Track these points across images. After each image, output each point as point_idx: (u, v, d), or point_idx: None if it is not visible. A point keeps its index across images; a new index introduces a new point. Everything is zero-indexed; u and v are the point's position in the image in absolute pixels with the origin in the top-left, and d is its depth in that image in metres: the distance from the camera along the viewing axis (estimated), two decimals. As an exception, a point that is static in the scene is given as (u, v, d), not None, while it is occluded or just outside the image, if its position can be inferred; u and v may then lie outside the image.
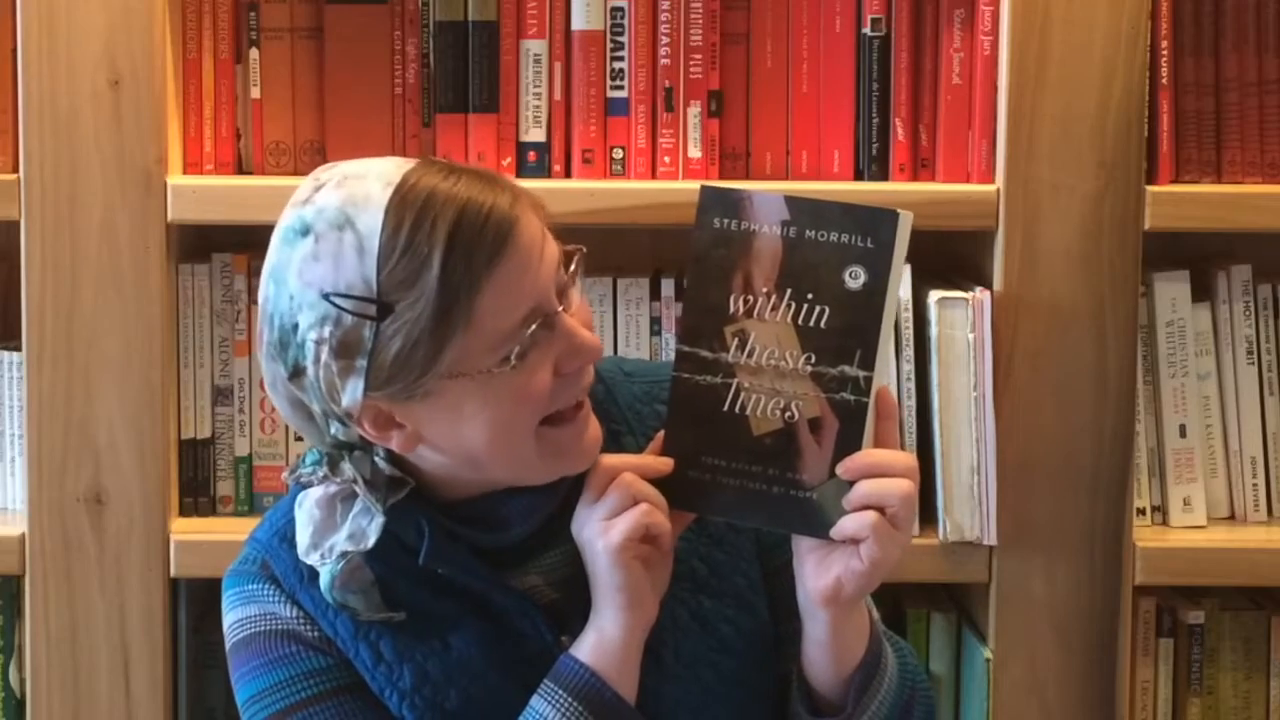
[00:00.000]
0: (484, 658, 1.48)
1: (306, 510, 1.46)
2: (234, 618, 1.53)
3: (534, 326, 1.38)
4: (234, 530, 1.98)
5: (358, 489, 1.44)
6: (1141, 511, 2.03)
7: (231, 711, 1.98)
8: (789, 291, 1.41)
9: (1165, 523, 2.05)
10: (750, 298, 1.42)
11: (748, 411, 1.43)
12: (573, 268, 1.44)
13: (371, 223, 1.36)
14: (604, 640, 1.44)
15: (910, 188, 2.02)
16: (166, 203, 1.97)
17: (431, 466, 1.46)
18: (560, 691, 1.43)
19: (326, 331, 1.37)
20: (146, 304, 1.97)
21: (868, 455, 1.40)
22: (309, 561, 1.45)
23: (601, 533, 1.42)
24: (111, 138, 1.96)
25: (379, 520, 1.44)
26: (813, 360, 1.41)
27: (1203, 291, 2.05)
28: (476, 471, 1.45)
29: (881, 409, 1.41)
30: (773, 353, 1.42)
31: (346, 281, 1.36)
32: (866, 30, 2.02)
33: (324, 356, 1.38)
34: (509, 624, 1.49)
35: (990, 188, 1.98)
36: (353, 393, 1.39)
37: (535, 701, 1.44)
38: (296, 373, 1.41)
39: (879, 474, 1.40)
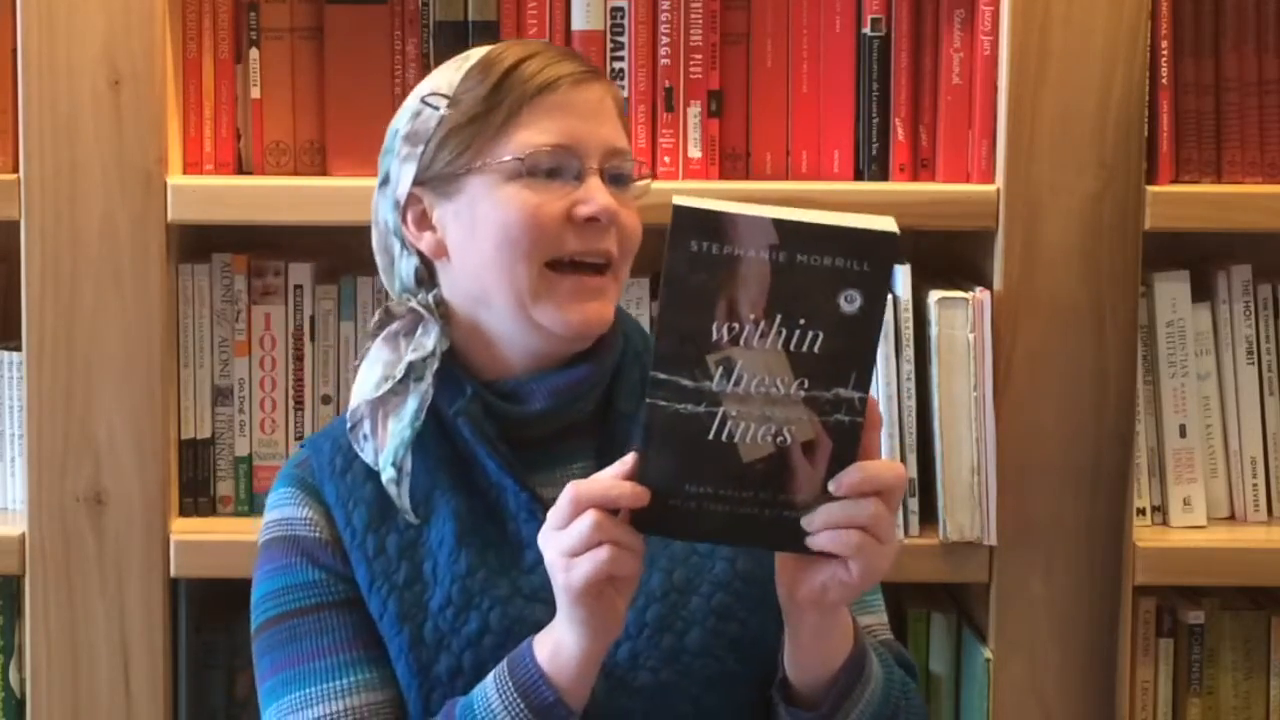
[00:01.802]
0: (481, 565, 1.55)
1: (371, 358, 1.62)
2: (265, 520, 1.66)
3: (557, 154, 1.55)
4: (234, 530, 2.03)
5: (416, 305, 1.61)
6: (1141, 511, 2.02)
7: (231, 711, 2.05)
8: (779, 318, 1.32)
9: (1165, 523, 2.04)
10: (736, 325, 1.33)
11: (736, 439, 1.35)
12: (631, 172, 1.61)
13: (478, 52, 1.63)
14: (560, 651, 1.44)
15: (910, 188, 2.01)
16: (166, 202, 1.96)
17: (457, 299, 1.60)
18: (508, 680, 1.46)
19: (405, 124, 1.61)
20: (146, 304, 1.96)
21: (859, 470, 1.35)
22: (383, 391, 1.58)
23: (562, 569, 1.40)
24: (111, 138, 1.95)
25: (436, 329, 1.59)
26: (806, 385, 1.34)
27: (1203, 291, 2.04)
28: (488, 309, 1.58)
29: (869, 420, 1.36)
30: (762, 380, 1.34)
31: (438, 85, 1.61)
32: (866, 30, 2.02)
33: (398, 146, 1.62)
34: (514, 532, 1.57)
35: (990, 188, 1.97)
36: (406, 180, 1.60)
37: (487, 680, 1.48)
38: (384, 181, 1.63)
39: (870, 488, 1.36)
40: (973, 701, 2.00)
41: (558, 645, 1.43)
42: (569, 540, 1.38)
